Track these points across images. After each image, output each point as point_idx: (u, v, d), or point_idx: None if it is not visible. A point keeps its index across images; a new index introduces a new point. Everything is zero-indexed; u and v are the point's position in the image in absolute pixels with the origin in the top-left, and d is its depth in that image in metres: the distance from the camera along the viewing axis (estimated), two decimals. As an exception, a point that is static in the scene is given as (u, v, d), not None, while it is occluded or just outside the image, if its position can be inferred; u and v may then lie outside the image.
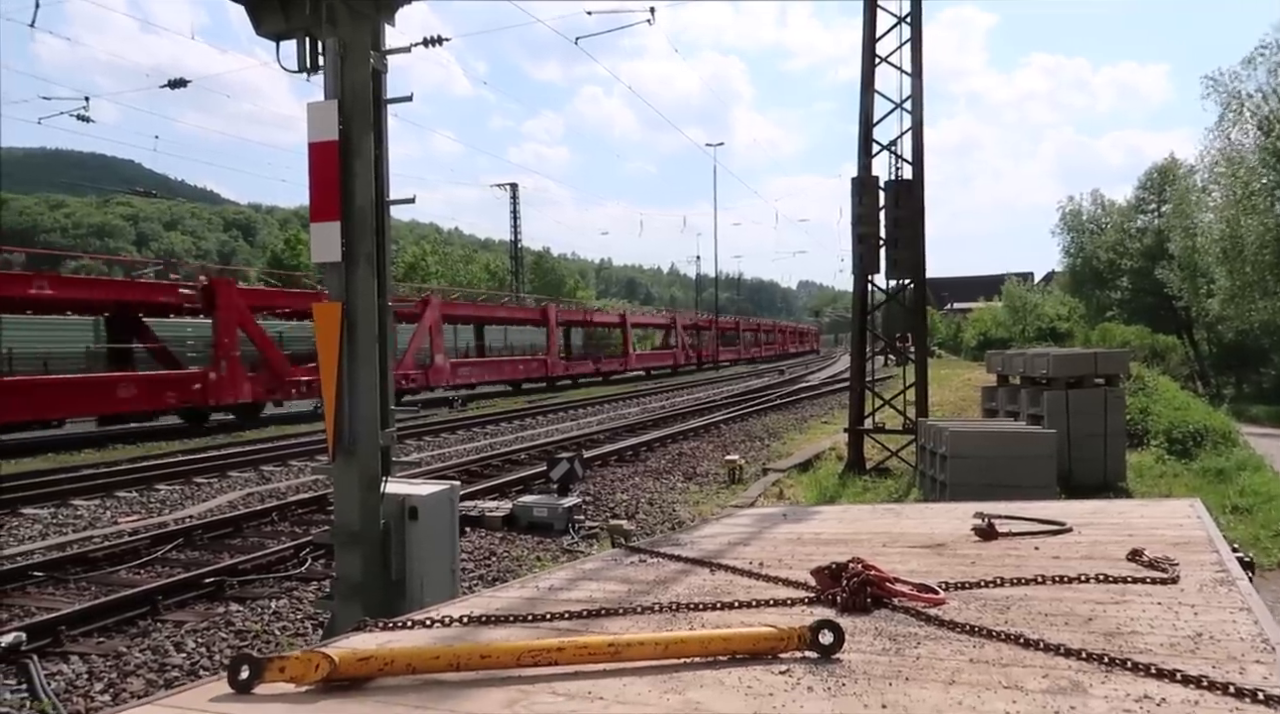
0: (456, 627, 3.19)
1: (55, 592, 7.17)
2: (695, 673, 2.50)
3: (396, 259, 55.67)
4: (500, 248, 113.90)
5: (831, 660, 2.56)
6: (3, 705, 4.83)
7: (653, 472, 12.84)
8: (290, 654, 2.59)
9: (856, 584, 3.13)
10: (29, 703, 4.86)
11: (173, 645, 5.73)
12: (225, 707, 2.45)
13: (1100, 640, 2.65)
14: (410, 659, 2.57)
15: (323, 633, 5.11)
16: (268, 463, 14.20)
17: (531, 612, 3.22)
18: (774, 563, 4.05)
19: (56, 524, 9.74)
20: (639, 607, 3.23)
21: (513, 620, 3.17)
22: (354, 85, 4.88)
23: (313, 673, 2.51)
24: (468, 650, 2.60)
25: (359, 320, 4.92)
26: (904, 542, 4.50)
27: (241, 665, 2.56)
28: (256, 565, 7.47)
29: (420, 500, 5.19)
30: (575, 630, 3.07)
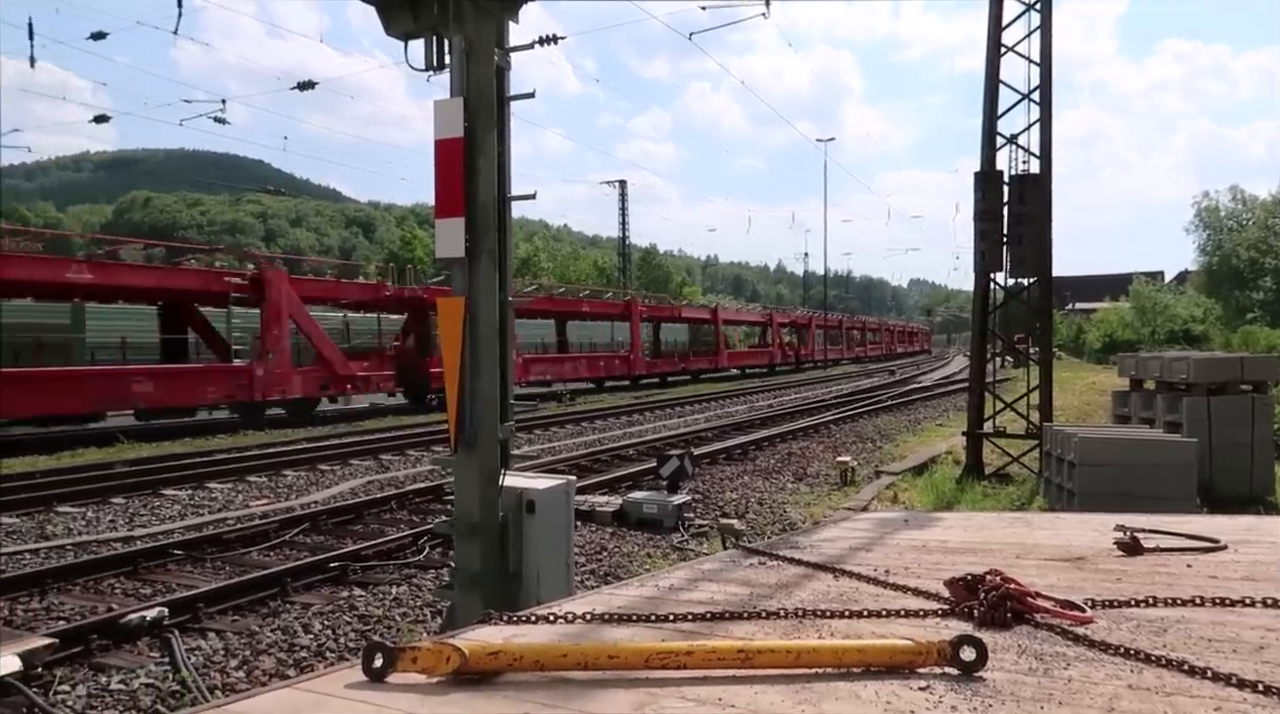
0: (579, 624, 3.19)
1: (193, 570, 7.56)
2: (829, 684, 2.41)
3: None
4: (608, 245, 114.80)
5: (974, 679, 2.42)
6: (148, 676, 5.10)
7: (762, 471, 12.68)
8: (422, 645, 2.63)
9: (995, 598, 2.97)
10: (171, 675, 5.12)
11: (301, 627, 5.95)
12: (360, 694, 2.50)
13: (1277, 673, 2.43)
14: (538, 656, 2.57)
15: (442, 621, 5.22)
16: (386, 452, 14.68)
17: (654, 612, 3.19)
18: (900, 571, 3.90)
19: (194, 505, 10.30)
20: (763, 611, 3.16)
21: (635, 620, 3.15)
22: (479, 82, 4.95)
23: (443, 665, 2.54)
24: (595, 650, 2.58)
25: (481, 315, 4.98)
26: (1039, 554, 4.27)
27: (375, 654, 2.61)
28: (378, 552, 7.70)
29: (538, 494, 5.23)
30: (699, 633, 3.02)
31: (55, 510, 9.86)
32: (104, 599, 6.65)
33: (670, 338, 45.60)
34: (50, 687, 4.91)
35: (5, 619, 6.16)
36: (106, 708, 4.73)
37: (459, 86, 4.95)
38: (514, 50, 5.28)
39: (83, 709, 4.69)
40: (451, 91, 4.99)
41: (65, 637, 5.34)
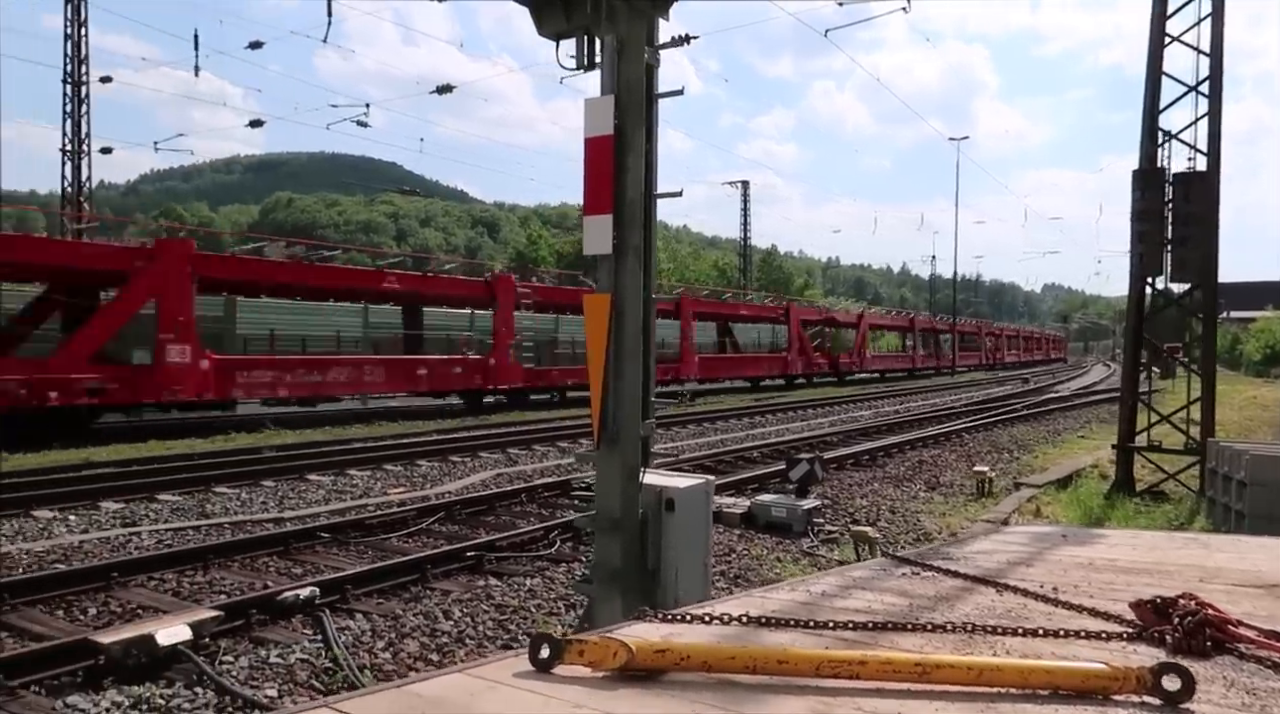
0: (736, 626, 3.13)
1: (338, 552, 7.89)
2: (1014, 706, 2.27)
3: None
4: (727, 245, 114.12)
5: (1178, 711, 2.25)
6: (303, 652, 5.33)
7: (892, 478, 12.32)
8: (589, 639, 2.62)
9: (1193, 624, 2.75)
10: (324, 652, 5.34)
11: (441, 613, 6.11)
12: (528, 683, 2.51)
13: None
14: (706, 656, 2.52)
15: (580, 615, 5.26)
16: (513, 446, 15.01)
17: (812, 618, 3.10)
18: (1070, 589, 3.68)
19: (336, 491, 10.77)
20: (929, 624, 3.02)
21: (793, 625, 3.07)
22: (629, 80, 4.96)
23: (610, 659, 2.53)
24: (764, 653, 2.52)
25: (626, 312, 4.99)
26: (1225, 578, 3.96)
27: (542, 645, 2.62)
28: (511, 543, 7.85)
29: (678, 493, 5.21)
30: (862, 642, 2.91)
31: (213, 490, 10.49)
32: (260, 576, 7.02)
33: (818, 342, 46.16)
34: (215, 656, 5.19)
35: (173, 591, 6.57)
36: (266, 680, 4.96)
37: (610, 84, 4.97)
38: (665, 48, 5.27)
39: (245, 679, 4.94)
40: (602, 89, 5.02)
41: (228, 610, 5.64)
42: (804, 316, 40.07)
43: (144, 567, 6.87)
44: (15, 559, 7.27)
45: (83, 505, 9.48)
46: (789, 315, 37.70)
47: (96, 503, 9.57)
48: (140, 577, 6.75)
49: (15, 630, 5.67)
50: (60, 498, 9.57)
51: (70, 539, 7.99)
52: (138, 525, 8.62)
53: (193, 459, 13.33)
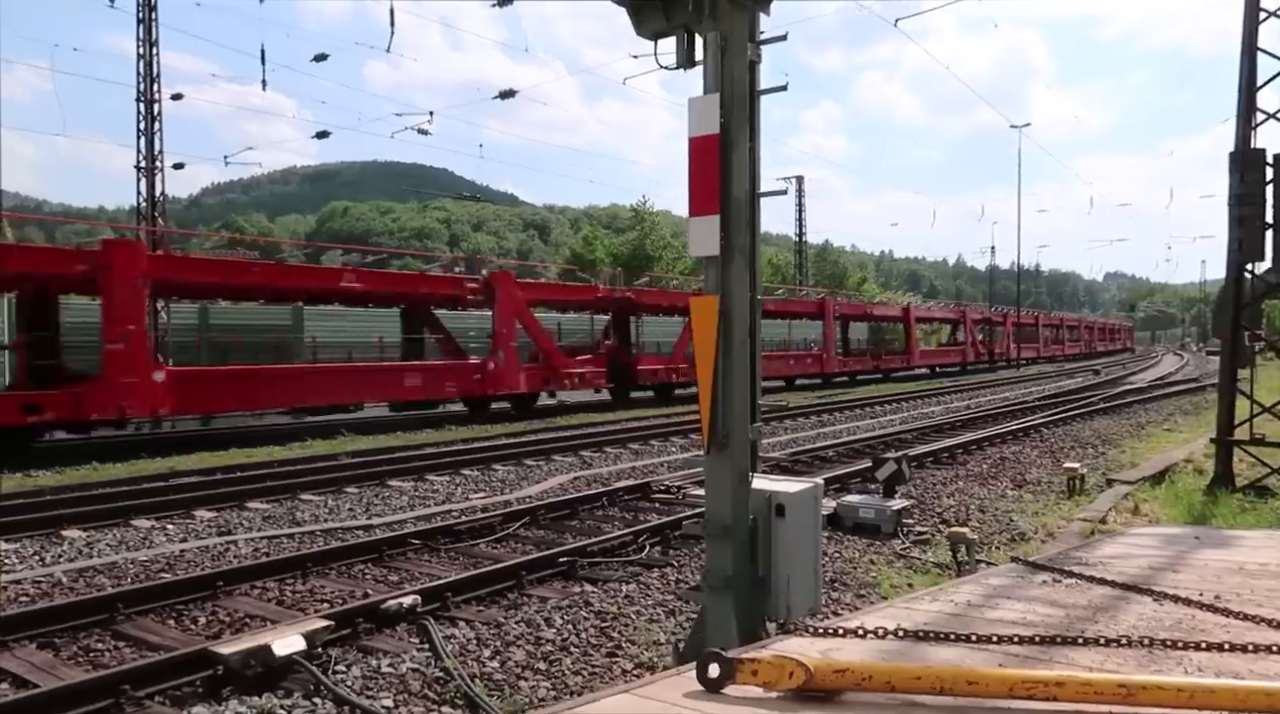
0: (892, 640, 3.02)
1: (430, 559, 7.92)
2: (1236, 731, 2.13)
3: (684, 255, 57.22)
4: (777, 241, 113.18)
5: None
6: (413, 661, 5.33)
7: (975, 476, 12.02)
8: (761, 657, 2.53)
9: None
10: (433, 662, 5.34)
11: (543, 620, 6.07)
12: (701, 705, 2.43)
13: None
14: (889, 677, 2.42)
15: (693, 624, 5.17)
16: (585, 449, 15.00)
17: (972, 631, 2.97)
18: (1232, 597, 3.49)
19: (419, 496, 10.86)
20: (1101, 638, 2.87)
21: (954, 639, 2.94)
22: (733, 77, 4.85)
23: (786, 679, 2.43)
24: (951, 674, 2.40)
25: (734, 313, 4.89)
26: (1398, 583, 3.73)
27: (711, 663, 2.54)
28: (602, 549, 7.80)
29: (788, 497, 5.09)
30: (1036, 658, 2.78)
31: (299, 498, 10.64)
32: (358, 584, 7.07)
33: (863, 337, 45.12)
34: (327, 666, 5.21)
35: (276, 599, 6.65)
36: (380, 690, 4.96)
37: (713, 82, 4.87)
38: (766, 43, 5.16)
39: (360, 689, 4.95)
40: (705, 88, 4.93)
41: (336, 619, 5.67)
42: (842, 310, 38.60)
43: (246, 575, 6.96)
44: (123, 569, 7.43)
45: (178, 515, 9.68)
46: (825, 309, 36.06)
47: (191, 512, 9.77)
48: (244, 585, 6.84)
49: (132, 640, 5.77)
50: (156, 507, 9.78)
51: (171, 548, 8.14)
52: (233, 534, 8.77)
53: (271, 466, 13.57)
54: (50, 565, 7.62)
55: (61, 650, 5.60)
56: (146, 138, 23.91)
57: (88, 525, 9.08)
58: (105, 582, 7.06)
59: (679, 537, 8.45)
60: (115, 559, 7.74)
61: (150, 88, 23.64)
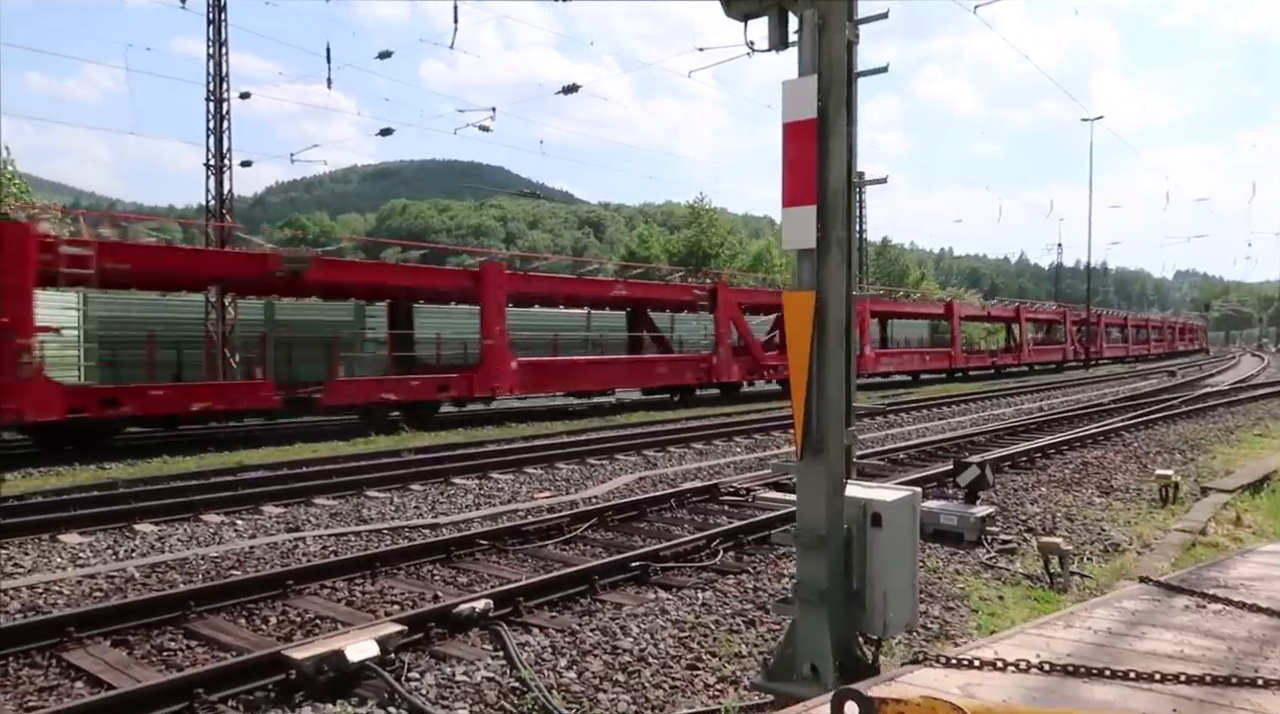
0: (1037, 674, 2.70)
1: (498, 560, 7.75)
2: None
3: (740, 252, 56.72)
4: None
5: None
6: (487, 670, 5.14)
7: (1057, 481, 11.50)
8: (906, 698, 2.24)
9: None
10: (509, 670, 5.14)
11: (619, 628, 5.85)
12: (841, 750, 2.17)
13: None
14: (1061, 725, 2.13)
15: (783, 639, 4.89)
16: (648, 448, 14.77)
17: (1129, 668, 2.64)
18: None
19: (484, 495, 10.72)
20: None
21: (1109, 676, 2.62)
22: (831, 58, 4.55)
23: (938, 724, 2.16)
24: (1135, 725, 2.10)
25: (830, 310, 4.59)
26: None
27: (847, 700, 2.27)
28: (675, 553, 7.54)
29: (884, 506, 4.78)
30: (1210, 703, 2.44)
31: (365, 494, 10.59)
32: (426, 585, 6.92)
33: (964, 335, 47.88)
34: (400, 673, 5.05)
35: (346, 600, 6.53)
36: (455, 699, 4.78)
37: (810, 64, 4.58)
38: (864, 22, 4.84)
39: (435, 698, 4.77)
40: (800, 70, 4.63)
41: (408, 623, 5.51)
42: (965, 313, 41.29)
43: (315, 574, 6.86)
44: (194, 565, 7.39)
45: (246, 510, 9.68)
46: (951, 312, 39.30)
47: (259, 507, 9.76)
48: (313, 585, 6.74)
49: (204, 640, 5.69)
50: (226, 503, 9.80)
51: (241, 544, 8.11)
52: (301, 531, 8.72)
53: (336, 461, 13.60)
54: (123, 560, 7.63)
55: (135, 649, 5.53)
56: (215, 136, 24.29)
57: (159, 520, 9.11)
58: (177, 578, 7.03)
59: (753, 542, 8.18)
60: (186, 555, 7.72)
61: (219, 87, 24.01)
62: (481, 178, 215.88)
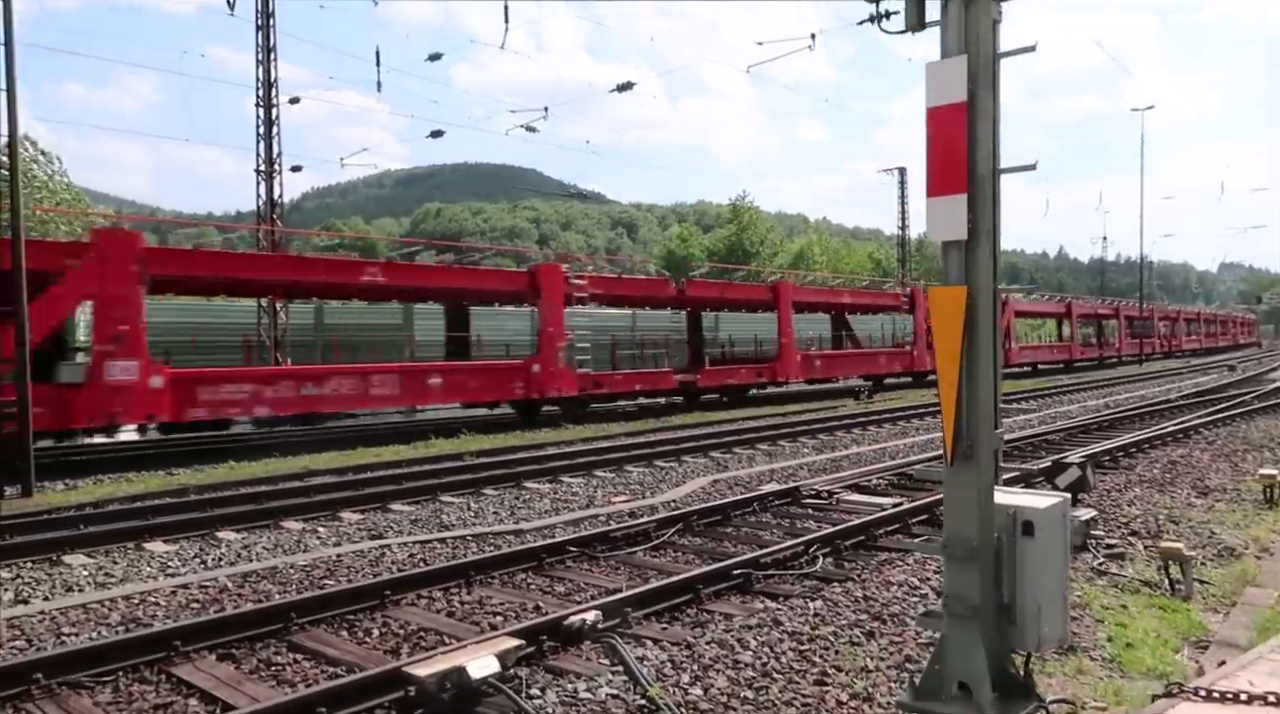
0: (1318, 710, 2.43)
1: (589, 568, 7.53)
2: None
3: (781, 249, 56.30)
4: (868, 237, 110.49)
5: None
6: (610, 686, 4.92)
7: (1148, 482, 11.07)
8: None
9: None
10: (632, 687, 4.91)
11: (735, 641, 5.60)
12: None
13: None
14: None
15: (930, 657, 4.62)
16: (713, 450, 14.52)
17: None
18: None
19: (560, 500, 10.53)
20: None
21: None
22: (978, 38, 4.28)
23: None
24: None
25: (980, 306, 4.31)
26: None
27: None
28: (775, 560, 7.28)
29: (1036, 514, 4.48)
30: None
31: (440, 500, 10.45)
32: (524, 595, 6.72)
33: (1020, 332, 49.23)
34: (520, 689, 4.84)
35: (446, 611, 6.35)
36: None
37: (956, 44, 4.30)
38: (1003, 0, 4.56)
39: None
40: (944, 50, 4.36)
41: (521, 636, 5.31)
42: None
43: (411, 584, 6.69)
44: (285, 574, 7.26)
45: (324, 516, 9.57)
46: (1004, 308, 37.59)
47: (337, 514, 9.65)
48: (409, 595, 6.57)
49: (310, 653, 5.53)
50: (303, 509, 9.70)
51: (327, 552, 7.98)
52: (385, 538, 8.58)
53: (400, 465, 13.50)
54: (213, 569, 7.52)
55: (242, 664, 5.39)
56: (265, 142, 24.41)
57: (240, 527, 9.02)
58: (271, 588, 6.89)
59: (850, 547, 7.90)
60: (275, 563, 7.59)
61: (269, 93, 24.12)
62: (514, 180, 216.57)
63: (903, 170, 50.11)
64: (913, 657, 5.46)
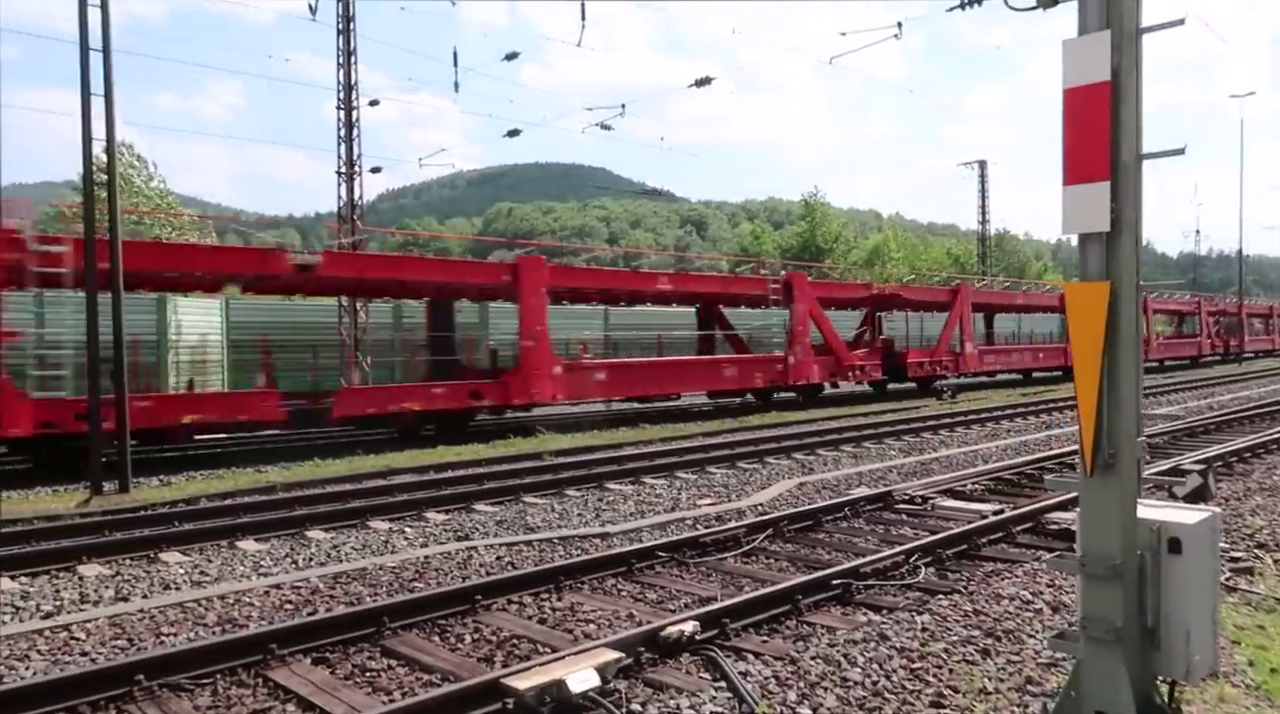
0: None
1: (679, 574, 7.32)
2: None
3: (856, 245, 55.29)
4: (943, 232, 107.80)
5: None
6: (713, 704, 4.70)
7: (1269, 489, 10.35)
8: None
9: None
10: (738, 704, 4.68)
11: (841, 657, 5.32)
12: None
13: None
14: None
15: (1067, 681, 4.29)
16: (796, 451, 14.18)
17: None
18: None
19: (644, 502, 10.34)
20: None
21: None
22: (1121, 11, 3.93)
23: None
24: None
25: (1122, 303, 3.97)
26: None
27: None
28: (875, 569, 6.96)
29: (1183, 530, 4.11)
30: None
31: (523, 501, 10.36)
32: (614, 601, 6.55)
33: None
34: (619, 704, 4.65)
35: (538, 618, 6.20)
36: (687, 737, 4.35)
37: (1097, 19, 3.96)
38: (1155, -38, 4.18)
39: (666, 736, 4.35)
40: (1082, 26, 4.02)
41: (618, 648, 5.12)
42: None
43: (500, 589, 6.56)
44: (374, 576, 7.22)
45: (410, 516, 9.56)
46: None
47: (422, 514, 9.63)
48: (499, 600, 6.45)
49: (403, 659, 5.44)
50: (389, 509, 9.70)
51: (415, 554, 7.93)
52: (471, 539, 8.50)
53: (480, 464, 13.49)
54: (304, 569, 7.53)
55: (336, 668, 5.32)
56: (345, 144, 24.80)
57: (329, 526, 9.06)
58: (361, 590, 6.85)
59: (952, 556, 7.53)
60: (364, 564, 7.57)
61: (349, 96, 24.51)
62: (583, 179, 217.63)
63: (983, 163, 48.74)
64: (1034, 678, 5.10)
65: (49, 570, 7.48)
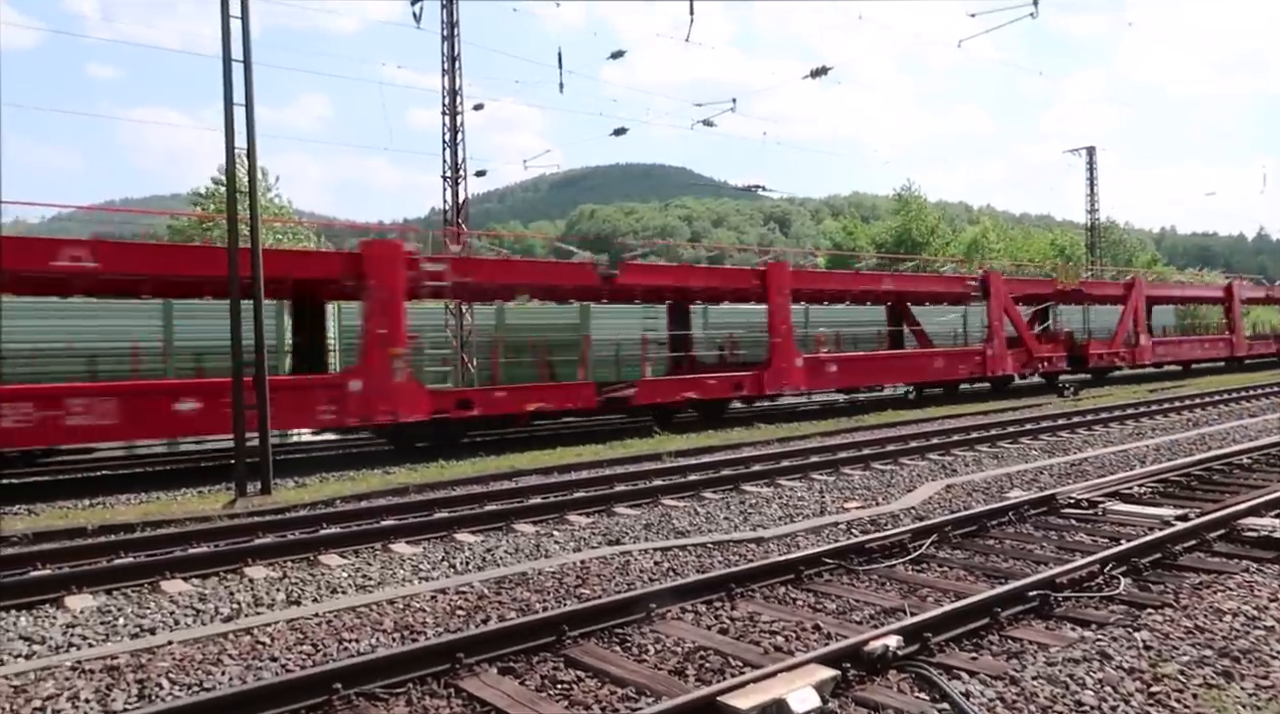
0: None
1: (850, 581, 6.96)
2: None
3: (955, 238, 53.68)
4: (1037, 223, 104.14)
5: None
6: (943, 728, 4.33)
7: None
8: None
9: None
10: (972, 731, 4.30)
11: (1068, 678, 4.89)
12: None
13: None
14: None
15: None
16: (930, 451, 13.62)
17: None
18: None
19: (787, 505, 9.98)
20: None
21: None
22: None
23: None
24: None
25: None
26: None
27: None
28: (1070, 580, 6.47)
29: None
30: None
31: (662, 503, 10.13)
32: (792, 611, 6.23)
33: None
34: (838, 725, 4.33)
35: (718, 628, 5.92)
36: (923, 766, 4.00)
37: None
38: None
39: (900, 764, 4.01)
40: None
41: (825, 663, 4.80)
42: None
43: (669, 597, 6.28)
44: (538, 582, 7.05)
45: (553, 519, 9.42)
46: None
47: (565, 517, 9.48)
48: (672, 608, 6.19)
49: (591, 670, 5.22)
50: (531, 511, 9.58)
51: (569, 558, 7.76)
52: (622, 544, 8.29)
53: (602, 465, 13.33)
54: (463, 573, 7.43)
55: (525, 679, 5.13)
56: (450, 149, 25.07)
57: (476, 529, 8.98)
58: (528, 596, 6.68)
59: (1149, 566, 6.98)
60: (522, 569, 7.42)
61: (454, 101, 24.76)
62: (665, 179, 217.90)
63: (1090, 150, 46.63)
64: (1296, 706, 4.59)
65: (217, 572, 7.55)
